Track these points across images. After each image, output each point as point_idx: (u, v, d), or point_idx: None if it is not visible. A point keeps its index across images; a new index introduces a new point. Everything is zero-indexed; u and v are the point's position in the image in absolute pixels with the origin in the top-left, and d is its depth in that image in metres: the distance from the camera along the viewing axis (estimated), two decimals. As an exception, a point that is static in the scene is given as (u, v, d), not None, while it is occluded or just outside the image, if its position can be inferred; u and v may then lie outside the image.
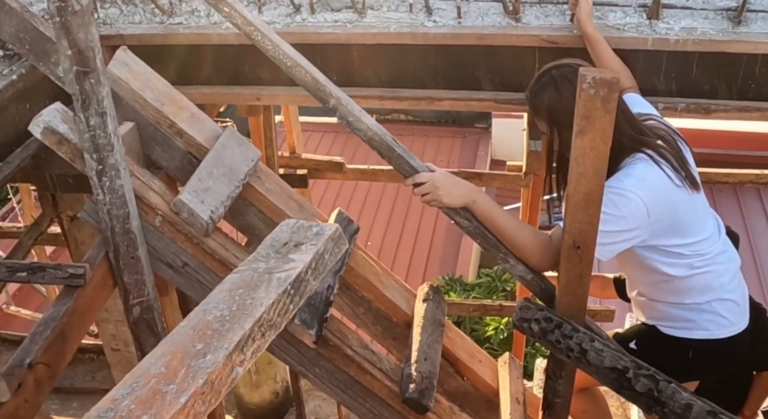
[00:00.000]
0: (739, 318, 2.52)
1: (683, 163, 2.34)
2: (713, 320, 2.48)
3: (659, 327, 2.57)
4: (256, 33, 2.01)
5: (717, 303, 2.46)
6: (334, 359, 2.48)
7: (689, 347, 2.52)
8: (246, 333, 1.26)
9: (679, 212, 2.32)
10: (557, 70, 2.36)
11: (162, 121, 2.52)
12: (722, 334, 2.50)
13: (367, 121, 2.09)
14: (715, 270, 2.44)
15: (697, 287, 2.44)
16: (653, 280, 2.49)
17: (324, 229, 1.50)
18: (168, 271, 2.42)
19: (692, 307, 2.47)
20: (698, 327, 2.49)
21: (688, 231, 2.37)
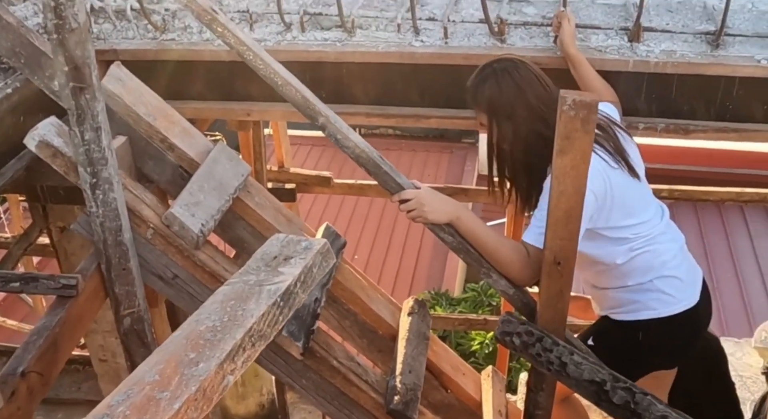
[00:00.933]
0: (684, 294, 2.58)
1: (619, 149, 2.43)
2: (657, 298, 2.54)
3: (610, 315, 2.66)
4: (249, 52, 2.07)
5: (659, 281, 2.53)
6: (320, 370, 2.53)
7: (638, 329, 2.58)
8: (237, 343, 1.31)
9: (619, 190, 2.39)
10: (498, 64, 2.45)
11: (154, 135, 2.58)
12: (668, 311, 2.55)
13: (354, 139, 2.15)
14: (655, 249, 2.51)
15: (638, 268, 2.51)
16: (597, 270, 2.59)
17: (312, 244, 1.55)
18: (159, 283, 2.47)
19: (636, 288, 2.54)
20: (644, 307, 2.56)
21: (629, 213, 2.45)
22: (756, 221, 9.02)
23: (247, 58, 2.09)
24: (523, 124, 2.42)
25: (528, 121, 2.41)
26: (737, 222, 8.96)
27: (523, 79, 2.42)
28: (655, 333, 2.58)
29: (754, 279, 8.32)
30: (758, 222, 9.02)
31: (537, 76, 2.45)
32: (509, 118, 2.43)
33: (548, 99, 2.38)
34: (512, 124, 2.43)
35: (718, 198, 4.77)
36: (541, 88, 2.43)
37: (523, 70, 2.44)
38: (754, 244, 8.74)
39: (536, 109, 2.40)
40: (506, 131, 2.46)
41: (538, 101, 2.40)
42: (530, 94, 2.41)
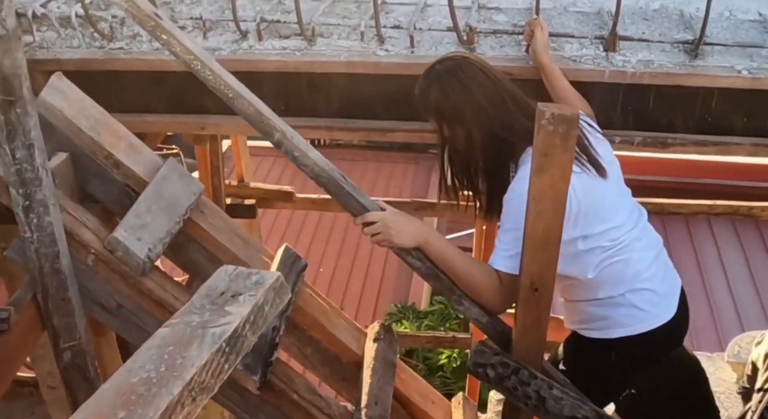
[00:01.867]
0: (659, 308, 2.39)
1: (582, 147, 2.23)
2: (630, 314, 2.35)
3: (580, 331, 2.47)
4: (196, 62, 1.89)
5: (632, 294, 2.34)
6: (279, 405, 2.35)
7: (610, 348, 2.40)
8: (174, 399, 1.13)
9: (586, 197, 2.17)
10: (441, 66, 2.28)
11: (98, 151, 2.39)
12: (642, 328, 2.36)
13: (313, 157, 1.98)
14: (628, 258, 2.31)
15: (610, 279, 2.32)
16: (565, 284, 2.40)
17: (264, 278, 1.38)
18: (102, 313, 2.27)
19: (607, 302, 2.35)
20: (615, 324, 2.36)
21: (601, 218, 2.25)
22: (723, 234, 8.99)
23: (195, 69, 1.91)
24: (474, 127, 2.25)
25: (480, 123, 2.24)
26: (704, 234, 8.92)
27: (469, 79, 2.24)
28: (629, 352, 2.40)
29: (722, 291, 8.26)
30: (725, 235, 8.99)
31: (485, 72, 2.27)
32: (459, 122, 2.27)
33: (498, 97, 2.23)
34: (463, 128, 2.27)
35: (690, 211, 4.67)
36: (490, 86, 2.25)
37: (468, 69, 2.26)
38: (721, 257, 8.70)
39: (486, 109, 2.22)
40: (458, 136, 2.30)
41: (488, 101, 2.23)
42: (478, 93, 2.23)
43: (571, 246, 2.21)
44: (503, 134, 2.23)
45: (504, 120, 2.22)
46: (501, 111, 2.20)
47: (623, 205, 2.38)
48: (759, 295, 8.18)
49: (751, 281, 8.39)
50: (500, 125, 2.20)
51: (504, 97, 2.23)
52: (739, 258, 8.70)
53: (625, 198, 2.40)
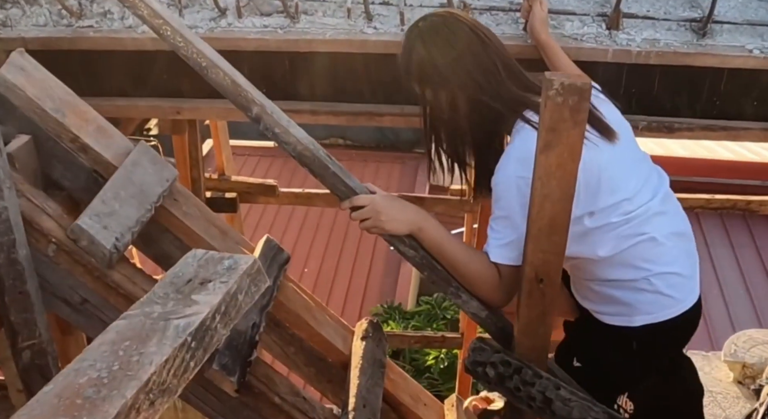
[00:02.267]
0: (684, 293, 2.14)
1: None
2: (654, 301, 2.09)
3: (595, 315, 2.18)
4: (166, 27, 1.71)
5: (657, 279, 2.07)
6: (259, 408, 2.16)
7: (632, 337, 2.13)
8: (127, 402, 0.95)
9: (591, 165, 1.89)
10: (424, 22, 2.05)
11: (63, 134, 2.19)
12: (666, 315, 2.11)
13: (296, 134, 1.79)
14: (650, 238, 2.04)
15: (629, 261, 2.06)
16: (573, 262, 2.14)
17: (238, 263, 1.19)
18: (65, 309, 2.08)
19: (625, 285, 2.09)
20: (637, 311, 2.10)
21: (604, 190, 1.97)
22: (712, 231, 8.88)
23: (164, 35, 1.72)
24: (459, 91, 2.01)
25: (465, 86, 2.00)
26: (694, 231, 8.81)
27: (455, 37, 2.00)
28: (651, 340, 2.14)
29: (713, 290, 8.16)
30: (714, 232, 8.89)
31: (474, 31, 2.02)
32: (443, 86, 2.03)
33: (487, 59, 2.00)
34: (447, 93, 2.04)
35: (687, 206, 4.51)
36: (479, 46, 2.01)
37: (454, 26, 2.02)
38: (711, 255, 8.59)
39: (472, 72, 1.99)
40: (442, 102, 2.06)
41: (475, 62, 2.00)
42: (464, 54, 1.99)
43: (578, 225, 1.94)
44: (487, 100, 2.00)
45: (492, 85, 2.00)
46: (489, 75, 1.98)
47: (637, 171, 2.09)
48: (749, 293, 8.08)
49: (741, 279, 8.29)
50: (487, 90, 1.99)
51: (494, 59, 2.00)
52: (728, 256, 8.60)
53: (640, 164, 2.13)
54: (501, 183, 1.95)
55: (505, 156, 1.98)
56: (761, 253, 8.51)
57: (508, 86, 2.00)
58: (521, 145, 1.94)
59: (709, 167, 9.13)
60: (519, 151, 1.94)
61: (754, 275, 8.27)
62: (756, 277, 8.24)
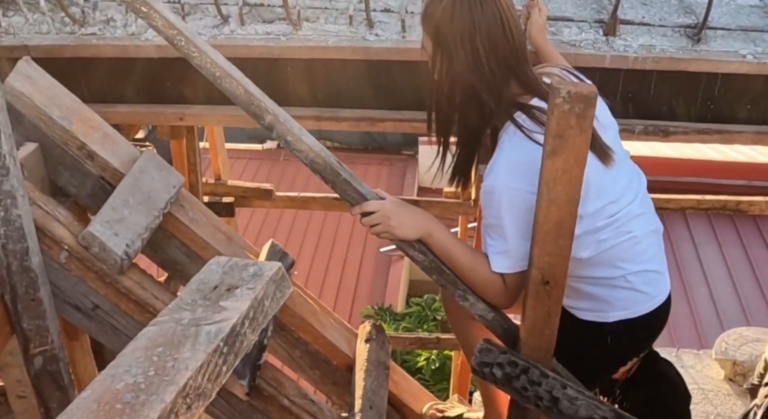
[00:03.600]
0: (658, 289, 2.19)
1: None
2: (629, 298, 2.14)
3: (572, 311, 2.20)
4: (180, 37, 1.74)
5: (633, 277, 2.11)
6: (269, 411, 2.19)
7: (606, 332, 2.17)
8: (167, 407, 0.98)
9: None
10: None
11: (70, 141, 2.22)
12: (641, 311, 2.16)
13: (308, 142, 1.83)
14: (629, 238, 2.08)
15: (608, 261, 2.09)
16: None
17: (263, 269, 1.23)
18: (76, 315, 2.10)
19: (603, 282, 2.12)
20: (613, 308, 2.14)
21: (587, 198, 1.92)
22: (700, 230, 8.97)
23: (179, 45, 1.75)
24: (462, 71, 1.97)
25: (467, 69, 1.95)
26: (681, 230, 8.89)
27: (483, 16, 1.92)
28: (626, 335, 2.20)
29: (701, 288, 8.24)
30: (702, 232, 8.98)
31: (503, 18, 1.94)
32: (450, 57, 1.98)
33: (504, 49, 1.95)
34: (451, 66, 1.98)
35: (678, 206, 4.58)
36: (500, 33, 1.94)
37: (487, 6, 1.93)
38: (699, 253, 8.68)
39: (481, 59, 1.93)
40: (444, 70, 2.01)
41: (490, 46, 1.93)
42: (483, 36, 1.92)
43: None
44: (482, 95, 1.96)
45: (494, 76, 1.95)
46: (497, 65, 1.94)
47: (621, 173, 2.10)
48: (737, 292, 8.17)
49: (729, 277, 8.38)
50: (488, 79, 1.95)
51: (508, 53, 1.96)
52: (716, 255, 8.69)
53: (623, 164, 2.13)
54: (490, 192, 1.94)
55: (494, 163, 1.96)
56: (748, 252, 8.60)
57: (509, 83, 1.99)
58: (513, 154, 1.94)
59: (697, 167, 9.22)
60: (510, 162, 1.93)
61: (742, 274, 8.36)
62: (743, 276, 8.33)
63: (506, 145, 1.96)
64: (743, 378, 4.95)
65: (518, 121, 1.96)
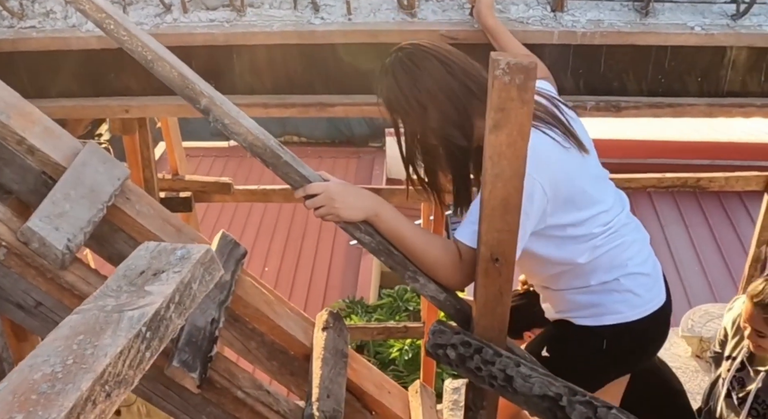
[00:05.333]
0: (652, 293, 2.26)
1: (566, 126, 2.06)
2: (625, 300, 2.21)
3: (569, 319, 2.29)
4: (109, 21, 1.68)
5: (626, 279, 2.19)
6: (222, 404, 2.15)
7: (602, 335, 2.24)
8: (83, 395, 0.94)
9: (573, 180, 2.04)
10: (390, 58, 2.08)
11: (9, 136, 2.15)
12: (636, 315, 2.22)
13: (246, 124, 1.78)
14: (622, 242, 2.17)
15: (603, 265, 2.17)
16: (556, 272, 2.22)
17: (191, 252, 1.19)
18: (18, 313, 2.04)
19: (598, 289, 2.20)
20: (608, 311, 2.21)
21: (587, 202, 2.10)
22: (665, 209, 9.04)
23: (108, 29, 1.70)
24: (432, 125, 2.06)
25: (436, 120, 2.04)
26: (647, 210, 8.95)
27: (422, 72, 2.02)
28: (621, 340, 2.25)
29: (668, 267, 8.29)
30: (667, 211, 9.04)
31: (443, 63, 2.04)
32: (414, 120, 2.08)
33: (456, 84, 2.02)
34: (419, 125, 2.09)
35: (639, 185, 4.58)
36: (451, 79, 2.02)
37: (417, 57, 2.04)
38: (665, 233, 8.74)
39: (443, 105, 2.02)
40: (415, 132, 2.12)
41: (447, 96, 2.02)
42: (434, 87, 2.01)
43: (562, 231, 2.09)
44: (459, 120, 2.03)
45: (464, 114, 2.02)
46: (461, 105, 2.01)
47: (609, 186, 2.23)
48: (704, 270, 8.23)
49: (696, 256, 8.44)
50: (458, 119, 2.02)
51: (465, 89, 2.02)
52: (682, 234, 8.76)
53: (608, 181, 2.25)
54: None
55: None
56: (713, 230, 8.68)
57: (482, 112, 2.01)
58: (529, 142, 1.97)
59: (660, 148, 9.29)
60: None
61: (708, 252, 8.44)
62: (709, 254, 8.40)
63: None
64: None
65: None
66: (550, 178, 1.96)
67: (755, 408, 2.89)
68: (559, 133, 2.02)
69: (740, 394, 2.94)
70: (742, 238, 8.29)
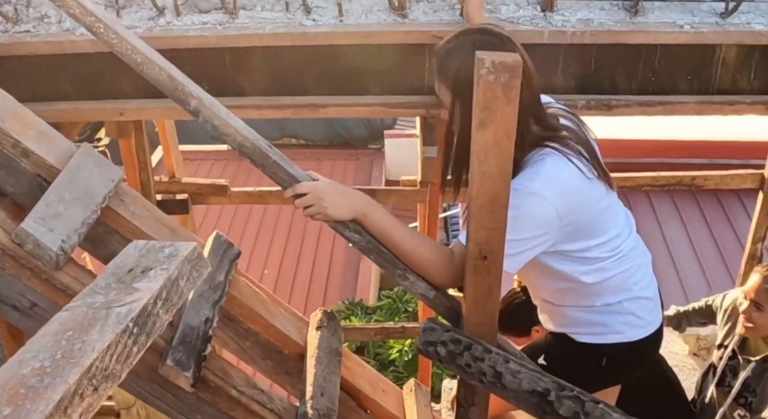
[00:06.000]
0: (652, 316, 2.32)
1: (594, 154, 2.08)
2: (626, 321, 2.27)
3: (570, 334, 2.34)
4: (99, 24, 1.70)
5: (629, 303, 2.24)
6: (217, 403, 2.16)
7: (602, 353, 2.31)
8: (70, 388, 0.96)
9: (591, 211, 2.07)
10: (481, 35, 1.97)
11: (4, 139, 2.17)
12: (636, 336, 2.28)
13: (235, 125, 1.80)
14: (629, 268, 2.22)
15: (609, 288, 2.21)
16: (561, 288, 2.25)
17: (178, 250, 1.21)
18: (13, 314, 2.06)
19: (603, 309, 2.24)
20: (610, 330, 2.27)
21: (599, 230, 2.13)
22: (663, 208, 9.04)
23: (98, 32, 1.72)
24: None
25: None
26: (645, 209, 8.96)
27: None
28: (619, 358, 2.32)
29: (666, 266, 8.30)
30: (665, 210, 9.04)
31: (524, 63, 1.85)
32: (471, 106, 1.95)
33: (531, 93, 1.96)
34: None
35: (635, 184, 4.60)
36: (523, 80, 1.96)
37: (502, 41, 1.97)
38: (663, 231, 8.74)
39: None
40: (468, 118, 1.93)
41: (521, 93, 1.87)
42: None
43: (572, 253, 2.12)
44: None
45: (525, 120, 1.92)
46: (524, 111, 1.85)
47: (620, 208, 2.25)
48: (702, 268, 8.23)
49: (694, 254, 8.44)
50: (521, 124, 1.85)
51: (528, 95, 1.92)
52: (680, 232, 8.76)
53: (620, 204, 2.27)
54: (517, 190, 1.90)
55: (533, 170, 1.98)
56: (711, 228, 8.68)
57: (530, 124, 2.01)
58: (554, 169, 1.98)
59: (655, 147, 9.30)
60: (549, 171, 1.97)
61: (706, 250, 8.44)
62: (707, 252, 8.40)
63: (549, 160, 1.99)
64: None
65: (554, 145, 2.01)
66: (565, 204, 1.97)
67: (744, 395, 2.95)
68: (585, 163, 2.01)
69: (733, 382, 2.99)
70: (739, 236, 8.29)
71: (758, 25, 2.55)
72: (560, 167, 1.98)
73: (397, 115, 2.65)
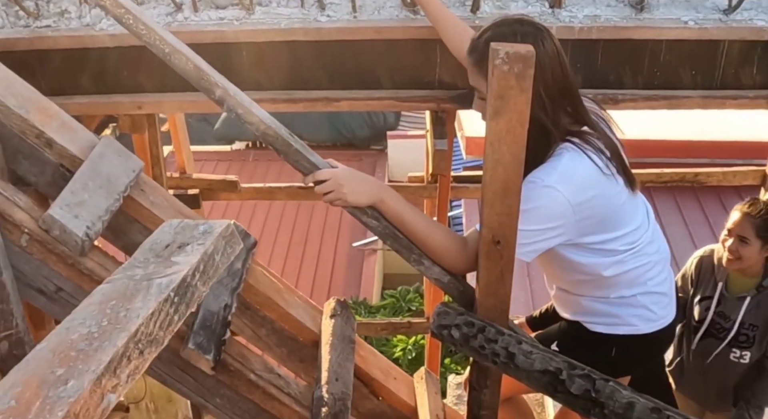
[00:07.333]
0: (666, 311, 2.39)
1: (613, 148, 2.11)
2: (639, 314, 2.33)
3: (583, 323, 2.41)
4: (128, 16, 1.77)
5: (644, 297, 2.31)
6: (236, 386, 2.23)
7: (613, 343, 2.37)
8: (119, 351, 1.02)
9: (608, 206, 2.11)
10: (522, 26, 2.01)
11: (28, 130, 2.24)
12: (648, 329, 2.35)
13: (258, 113, 1.87)
14: (646, 263, 2.27)
15: (624, 282, 2.27)
16: (577, 279, 2.32)
17: (213, 227, 1.27)
18: (40, 298, 2.13)
19: (617, 301, 2.31)
20: (623, 322, 2.34)
21: (616, 225, 2.17)
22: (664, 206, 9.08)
23: (127, 23, 1.79)
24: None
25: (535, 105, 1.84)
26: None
27: (546, 51, 1.97)
28: (630, 349, 2.38)
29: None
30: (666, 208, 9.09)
31: (560, 55, 2.04)
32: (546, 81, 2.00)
33: (564, 85, 2.04)
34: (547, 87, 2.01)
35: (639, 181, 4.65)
36: (560, 70, 2.02)
37: (549, 43, 2.00)
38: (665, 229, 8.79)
39: (548, 94, 1.99)
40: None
41: (552, 85, 1.99)
42: (546, 71, 1.96)
43: (590, 245, 2.17)
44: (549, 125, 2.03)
45: (553, 108, 2.02)
46: (556, 97, 2.02)
47: (640, 201, 2.28)
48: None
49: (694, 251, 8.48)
50: (547, 111, 2.01)
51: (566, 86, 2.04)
52: (681, 231, 8.80)
53: (640, 198, 2.30)
54: (533, 182, 2.00)
55: (550, 165, 2.04)
56: (712, 226, 8.73)
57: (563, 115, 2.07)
58: (571, 163, 2.03)
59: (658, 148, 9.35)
60: (566, 168, 2.02)
61: (707, 246, 8.48)
62: (709, 250, 8.44)
63: (566, 155, 2.04)
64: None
65: (574, 140, 2.06)
66: (580, 199, 2.02)
67: (744, 333, 3.02)
68: (603, 158, 2.05)
69: (727, 325, 3.05)
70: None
71: (760, 22, 2.61)
72: (576, 162, 2.03)
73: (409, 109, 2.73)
